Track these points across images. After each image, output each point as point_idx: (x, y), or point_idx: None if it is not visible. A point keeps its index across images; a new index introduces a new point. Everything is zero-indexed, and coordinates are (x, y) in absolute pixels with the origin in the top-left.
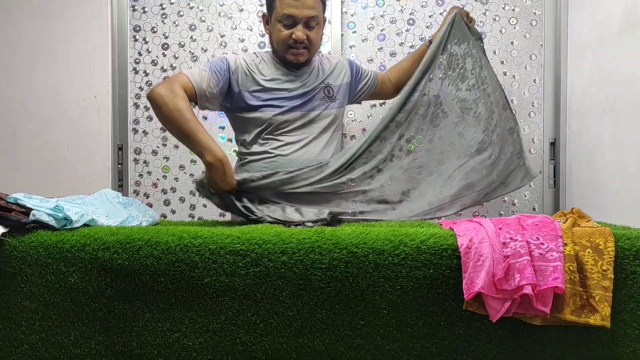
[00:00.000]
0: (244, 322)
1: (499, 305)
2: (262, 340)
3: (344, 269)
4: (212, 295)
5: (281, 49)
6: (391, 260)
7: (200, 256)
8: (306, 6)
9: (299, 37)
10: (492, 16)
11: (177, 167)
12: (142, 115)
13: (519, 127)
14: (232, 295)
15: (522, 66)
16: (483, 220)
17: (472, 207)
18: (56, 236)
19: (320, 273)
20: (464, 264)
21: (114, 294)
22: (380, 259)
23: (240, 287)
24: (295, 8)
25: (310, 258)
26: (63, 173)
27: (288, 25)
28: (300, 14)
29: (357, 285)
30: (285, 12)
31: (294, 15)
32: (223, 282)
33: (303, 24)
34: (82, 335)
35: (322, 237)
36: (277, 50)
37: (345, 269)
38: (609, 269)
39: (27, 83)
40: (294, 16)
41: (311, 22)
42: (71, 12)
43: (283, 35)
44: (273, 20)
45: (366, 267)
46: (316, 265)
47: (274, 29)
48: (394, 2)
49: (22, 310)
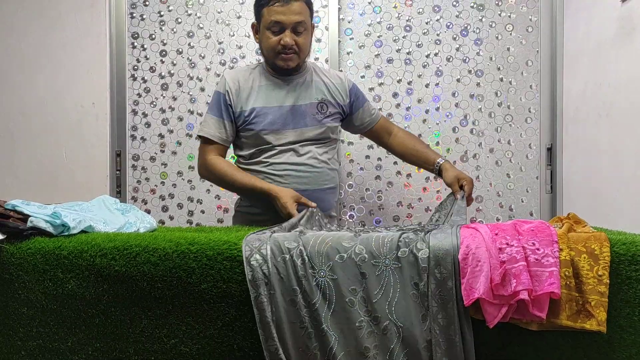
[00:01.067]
0: (241, 328)
1: (495, 310)
2: (259, 346)
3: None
4: (209, 301)
5: (271, 55)
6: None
7: (197, 262)
8: (293, 12)
9: (287, 42)
10: (489, 23)
11: (175, 173)
12: (140, 121)
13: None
14: (229, 301)
15: (518, 72)
16: (479, 226)
17: (469, 213)
18: (54, 243)
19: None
20: (462, 269)
21: (111, 300)
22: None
23: (237, 293)
24: (282, 14)
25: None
26: (61, 179)
27: (276, 31)
28: (287, 20)
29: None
30: (273, 19)
31: (281, 22)
32: (220, 288)
33: (291, 29)
34: (80, 341)
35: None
36: (268, 58)
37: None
38: (605, 274)
39: (25, 90)
40: (282, 22)
41: (299, 28)
42: (70, 19)
43: (272, 41)
44: (262, 28)
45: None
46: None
47: (263, 36)
48: (390, 9)
49: (20, 317)
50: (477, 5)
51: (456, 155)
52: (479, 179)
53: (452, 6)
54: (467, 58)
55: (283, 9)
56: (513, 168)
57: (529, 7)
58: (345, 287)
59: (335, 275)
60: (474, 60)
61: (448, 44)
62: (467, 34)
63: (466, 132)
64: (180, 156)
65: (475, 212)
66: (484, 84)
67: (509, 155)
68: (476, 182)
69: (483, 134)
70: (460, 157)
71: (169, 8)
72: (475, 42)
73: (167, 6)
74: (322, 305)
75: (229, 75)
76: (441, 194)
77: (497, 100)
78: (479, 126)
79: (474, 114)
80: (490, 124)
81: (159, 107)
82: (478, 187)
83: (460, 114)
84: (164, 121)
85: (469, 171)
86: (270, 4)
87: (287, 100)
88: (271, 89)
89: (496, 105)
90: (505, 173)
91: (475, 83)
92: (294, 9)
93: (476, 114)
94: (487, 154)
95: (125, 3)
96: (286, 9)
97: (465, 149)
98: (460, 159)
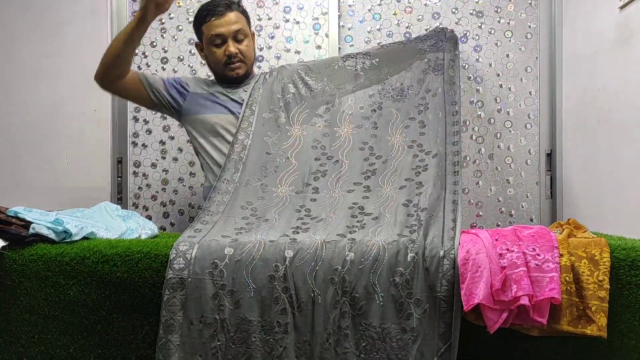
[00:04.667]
0: None
1: (496, 316)
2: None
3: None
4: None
5: (220, 68)
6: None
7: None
8: (230, 22)
9: (231, 51)
10: (488, 29)
11: (177, 179)
12: (141, 128)
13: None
14: None
15: (517, 78)
16: (480, 232)
17: (469, 219)
18: (56, 249)
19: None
20: (462, 275)
21: (113, 306)
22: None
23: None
24: (220, 27)
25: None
26: (63, 186)
27: (219, 44)
28: (226, 31)
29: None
30: (213, 33)
31: (221, 33)
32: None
33: (232, 38)
34: (81, 348)
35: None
36: (217, 71)
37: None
38: (605, 280)
39: (27, 97)
40: (222, 34)
41: (238, 36)
42: (71, 27)
43: (217, 54)
44: (205, 44)
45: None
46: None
47: (208, 52)
48: (390, 16)
49: (22, 324)
50: (476, 12)
51: None
52: (479, 184)
53: (452, 13)
54: (467, 64)
55: (220, 21)
56: (513, 174)
57: (528, 14)
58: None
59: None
60: (474, 67)
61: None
62: (466, 41)
63: (466, 138)
64: (181, 163)
65: (475, 218)
66: (483, 90)
67: (509, 161)
68: (476, 187)
69: (483, 140)
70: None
71: (170, 16)
72: (475, 48)
73: (168, 14)
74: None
75: (194, 78)
76: None
77: (496, 107)
78: (478, 132)
79: (473, 120)
80: (490, 130)
81: (160, 113)
82: (478, 193)
83: (460, 120)
84: (165, 128)
85: (469, 177)
86: (207, 21)
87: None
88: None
89: (496, 111)
90: (505, 179)
91: (474, 89)
92: (231, 19)
93: (476, 120)
94: (487, 160)
95: (127, 10)
96: (223, 21)
97: (465, 154)
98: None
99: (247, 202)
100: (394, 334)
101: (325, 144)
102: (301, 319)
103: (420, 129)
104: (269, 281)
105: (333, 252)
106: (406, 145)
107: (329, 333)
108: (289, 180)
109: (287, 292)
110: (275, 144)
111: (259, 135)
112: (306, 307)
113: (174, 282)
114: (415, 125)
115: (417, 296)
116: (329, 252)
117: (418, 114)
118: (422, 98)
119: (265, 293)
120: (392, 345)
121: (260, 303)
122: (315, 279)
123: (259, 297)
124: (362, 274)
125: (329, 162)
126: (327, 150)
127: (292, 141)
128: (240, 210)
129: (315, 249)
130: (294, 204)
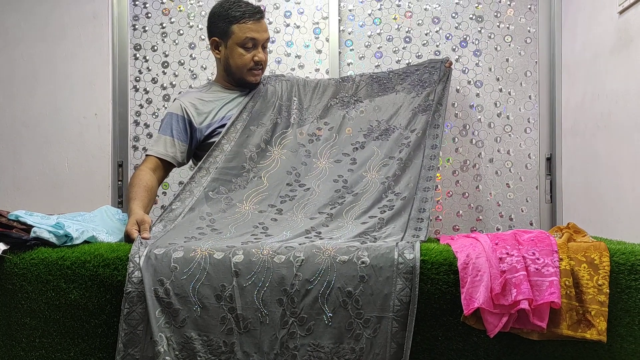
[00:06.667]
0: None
1: (496, 320)
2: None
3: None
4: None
5: (241, 71)
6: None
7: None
8: (264, 29)
9: (261, 58)
10: (488, 34)
11: (177, 183)
12: (142, 132)
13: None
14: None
15: (517, 83)
16: (479, 236)
17: (469, 222)
18: (57, 253)
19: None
20: (462, 279)
21: (114, 310)
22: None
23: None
24: (255, 32)
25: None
26: (64, 190)
27: (249, 48)
28: (260, 37)
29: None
30: (248, 36)
31: (256, 38)
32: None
33: (261, 46)
34: (82, 352)
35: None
36: (236, 73)
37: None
38: (605, 284)
39: (28, 101)
40: (256, 39)
41: (266, 44)
42: (72, 31)
43: (245, 58)
44: (231, 44)
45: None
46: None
47: (234, 53)
48: (390, 20)
49: (23, 327)
50: (476, 16)
51: (456, 165)
52: (479, 189)
53: (452, 17)
54: (467, 69)
55: (257, 26)
56: (513, 178)
57: (528, 19)
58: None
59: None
60: (473, 71)
61: (447, 55)
62: (466, 45)
63: (466, 142)
64: (181, 167)
65: (475, 222)
66: (483, 94)
67: (509, 165)
68: (476, 192)
69: (482, 144)
70: (460, 166)
71: (171, 20)
72: (475, 53)
73: (169, 18)
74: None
75: (183, 98)
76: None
77: (496, 111)
78: (478, 136)
79: (473, 124)
80: (490, 134)
81: (160, 118)
82: (478, 197)
83: (460, 124)
84: None
85: (469, 181)
86: (242, 21)
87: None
88: (232, 99)
89: (495, 115)
90: (505, 183)
91: (474, 93)
92: (264, 27)
93: (476, 124)
94: (487, 164)
95: (128, 15)
96: (259, 26)
97: (465, 158)
98: (460, 169)
99: (207, 214)
100: (342, 354)
101: (300, 172)
102: (248, 339)
103: (397, 168)
104: (215, 300)
105: (282, 270)
106: (379, 182)
107: (276, 353)
108: (256, 199)
109: (234, 312)
110: (253, 159)
111: (240, 145)
112: (253, 327)
113: (133, 295)
114: (393, 164)
115: (366, 316)
116: (277, 272)
117: (399, 152)
118: (406, 138)
119: (211, 312)
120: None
121: (206, 322)
122: (262, 299)
123: (205, 317)
124: (310, 294)
125: (300, 189)
126: (300, 178)
127: (269, 162)
128: (198, 220)
129: (263, 268)
130: (253, 220)
